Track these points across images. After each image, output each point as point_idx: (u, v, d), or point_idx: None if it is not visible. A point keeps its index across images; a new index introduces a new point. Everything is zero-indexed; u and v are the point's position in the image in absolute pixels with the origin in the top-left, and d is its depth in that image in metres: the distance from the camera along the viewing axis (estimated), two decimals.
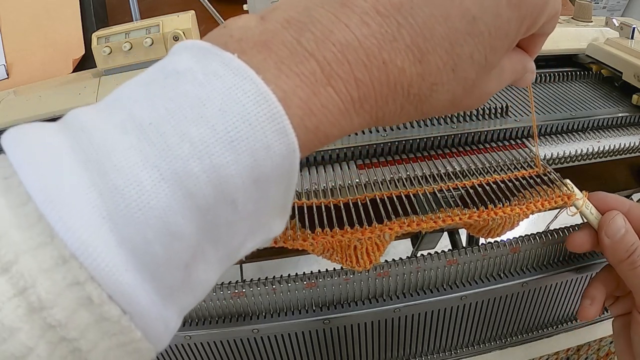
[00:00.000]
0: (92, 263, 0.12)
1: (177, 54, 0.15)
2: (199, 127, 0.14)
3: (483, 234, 0.30)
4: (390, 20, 0.16)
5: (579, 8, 0.52)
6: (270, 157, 0.14)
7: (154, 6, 0.66)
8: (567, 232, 0.33)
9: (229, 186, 0.14)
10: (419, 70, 0.17)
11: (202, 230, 0.14)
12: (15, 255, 0.12)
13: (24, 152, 0.13)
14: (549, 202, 0.29)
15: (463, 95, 0.19)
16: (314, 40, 0.16)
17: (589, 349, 0.43)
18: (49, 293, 0.12)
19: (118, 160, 0.13)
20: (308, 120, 0.15)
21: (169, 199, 0.13)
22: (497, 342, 0.38)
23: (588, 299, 0.31)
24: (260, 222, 0.16)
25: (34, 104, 0.44)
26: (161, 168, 0.13)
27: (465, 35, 0.17)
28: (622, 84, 0.43)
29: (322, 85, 0.15)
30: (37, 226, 0.12)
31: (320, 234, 0.27)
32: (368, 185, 0.32)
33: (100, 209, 0.13)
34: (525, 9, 0.18)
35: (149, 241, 0.13)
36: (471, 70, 0.18)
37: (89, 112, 0.15)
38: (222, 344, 0.32)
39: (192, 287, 0.15)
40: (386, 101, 0.17)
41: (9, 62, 0.54)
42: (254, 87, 0.14)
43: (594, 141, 0.37)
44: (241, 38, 0.16)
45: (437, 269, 0.32)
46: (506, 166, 0.33)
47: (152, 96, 0.14)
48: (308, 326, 0.32)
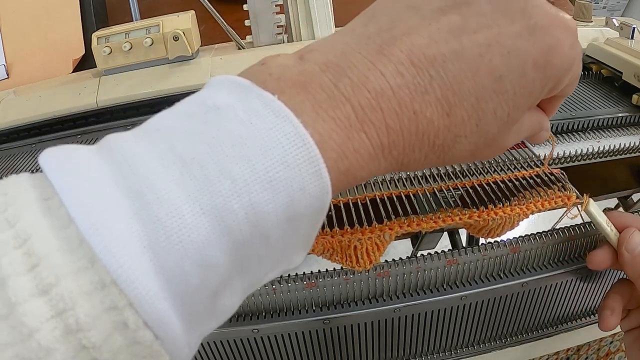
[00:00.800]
0: (133, 290, 0.13)
1: (216, 88, 0.16)
2: (239, 166, 0.14)
3: (483, 234, 0.30)
4: (423, 72, 0.17)
5: (579, 8, 0.52)
6: (305, 197, 0.15)
7: (154, 6, 0.66)
8: (567, 232, 0.33)
9: (265, 223, 0.14)
10: (446, 122, 0.18)
11: (234, 263, 0.15)
12: (56, 278, 0.12)
13: (66, 175, 0.14)
14: (549, 202, 0.29)
15: (483, 148, 0.20)
16: (351, 85, 0.16)
17: (589, 349, 0.43)
18: (87, 316, 0.12)
19: (160, 193, 0.13)
20: (341, 163, 0.16)
21: (208, 233, 0.13)
22: (497, 342, 0.38)
23: (608, 310, 0.32)
24: (287, 255, 0.17)
25: (34, 104, 0.44)
26: (202, 203, 0.13)
27: (491, 92, 0.18)
28: (622, 84, 0.43)
29: (355, 130, 0.16)
30: (78, 250, 0.13)
31: (320, 234, 0.27)
32: (368, 185, 0.32)
33: (141, 238, 0.13)
34: (550, 71, 0.19)
35: (186, 272, 0.13)
36: (494, 125, 0.19)
37: (129, 140, 0.15)
38: (222, 344, 0.32)
39: (217, 314, 0.16)
40: (413, 149, 0.18)
41: (9, 62, 0.54)
42: (293, 129, 0.15)
43: (594, 141, 0.37)
44: (280, 77, 0.16)
45: (437, 269, 0.32)
46: (506, 166, 0.33)
47: (194, 131, 0.15)
48: (308, 326, 0.32)
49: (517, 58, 0.18)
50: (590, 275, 0.36)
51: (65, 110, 0.44)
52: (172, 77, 0.44)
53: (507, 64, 0.18)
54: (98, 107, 0.44)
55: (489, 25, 0.18)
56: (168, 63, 0.45)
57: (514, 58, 0.18)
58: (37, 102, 0.44)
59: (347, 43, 0.18)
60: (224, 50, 0.48)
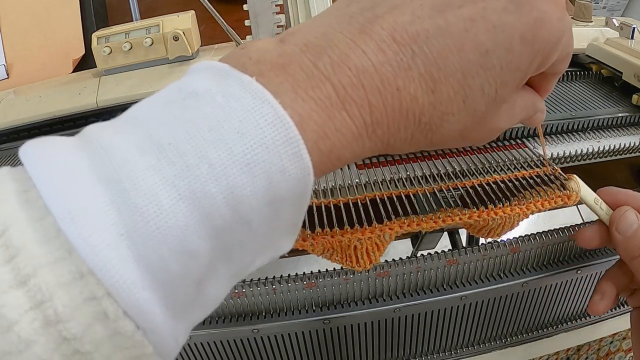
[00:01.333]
0: (110, 279, 0.12)
1: (195, 74, 0.16)
2: (217, 149, 0.14)
3: (483, 234, 0.30)
4: (406, 48, 0.17)
5: (579, 8, 0.52)
6: (285, 179, 0.15)
7: (154, 6, 0.66)
8: (567, 232, 0.33)
9: (245, 207, 0.14)
10: (431, 99, 0.17)
11: (216, 249, 0.14)
12: (33, 268, 0.12)
13: (44, 167, 0.13)
14: (549, 202, 0.29)
15: (473, 128, 0.20)
16: (331, 64, 0.16)
17: (589, 349, 0.43)
18: (66, 307, 0.12)
19: (137, 180, 0.13)
20: (322, 144, 0.16)
21: (186, 219, 0.13)
22: (497, 342, 0.38)
23: (599, 294, 0.30)
24: (272, 241, 0.17)
25: (34, 104, 0.44)
26: (179, 188, 0.13)
27: (477, 68, 0.18)
28: (622, 84, 0.43)
29: (337, 109, 0.16)
30: (55, 241, 0.13)
31: (320, 234, 0.27)
32: (368, 185, 0.32)
33: (118, 226, 0.13)
34: (538, 45, 0.19)
35: (165, 259, 0.13)
36: (481, 102, 0.19)
37: (107, 129, 0.15)
38: (222, 344, 0.32)
39: (202, 303, 0.16)
40: (398, 128, 0.18)
41: (9, 62, 0.54)
42: (272, 110, 0.15)
43: (594, 141, 0.37)
44: (259, 60, 0.16)
45: (437, 269, 0.32)
46: (506, 166, 0.33)
47: (171, 117, 0.14)
48: (308, 326, 0.32)
49: (503, 32, 0.18)
50: (590, 275, 0.36)
51: (65, 110, 0.44)
52: (172, 77, 0.44)
53: (493, 39, 0.18)
54: (98, 107, 0.44)
55: (473, 0, 0.18)
56: (168, 63, 0.45)
57: (500, 32, 0.18)
58: (37, 102, 0.44)
59: (329, 24, 0.17)
60: (224, 50, 0.48)
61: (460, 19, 0.17)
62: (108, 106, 0.44)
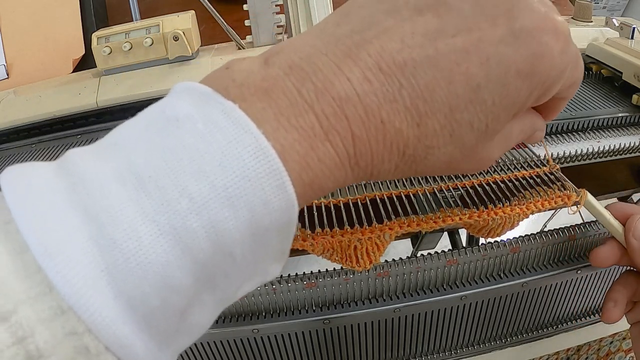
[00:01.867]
0: (90, 317, 0.12)
1: (177, 96, 0.15)
2: (198, 182, 0.14)
3: (483, 234, 0.30)
4: (392, 79, 0.16)
5: (579, 8, 0.52)
6: (269, 212, 0.14)
7: (154, 6, 0.66)
8: (567, 232, 0.33)
9: (227, 240, 0.14)
10: (416, 132, 0.17)
11: (199, 281, 0.14)
12: (14, 305, 0.12)
13: (22, 199, 0.13)
14: (549, 202, 0.29)
15: (461, 159, 0.19)
16: (314, 91, 0.15)
17: (589, 349, 0.43)
18: (47, 343, 0.12)
19: (116, 214, 0.13)
20: (305, 174, 0.15)
21: (167, 254, 0.13)
22: (497, 342, 0.38)
23: (612, 302, 0.31)
24: (258, 269, 0.16)
25: (34, 104, 0.44)
26: (160, 223, 0.13)
27: (466, 102, 0.17)
28: (622, 84, 0.43)
29: (320, 140, 0.15)
30: (36, 276, 0.12)
31: (320, 234, 0.27)
32: (368, 185, 0.32)
33: (98, 262, 0.13)
34: (537, 79, 0.18)
35: (146, 294, 0.13)
36: (470, 136, 0.18)
37: (87, 155, 0.14)
38: (222, 344, 0.32)
39: (188, 330, 0.15)
40: (382, 160, 0.17)
41: (9, 62, 0.54)
42: (254, 141, 0.14)
43: (594, 141, 0.37)
44: (242, 83, 0.16)
45: (437, 269, 0.32)
46: (506, 166, 0.33)
47: (151, 144, 0.14)
48: (308, 326, 0.32)
49: (497, 66, 0.17)
50: (590, 275, 0.36)
51: (65, 110, 0.44)
52: (172, 77, 0.44)
53: (486, 73, 0.17)
54: (98, 107, 0.44)
55: (469, 28, 0.17)
56: (168, 63, 0.45)
57: (494, 66, 0.17)
58: (37, 102, 0.44)
59: (314, 44, 0.17)
60: (224, 50, 0.48)
61: (452, 50, 0.16)
62: (108, 106, 0.44)
